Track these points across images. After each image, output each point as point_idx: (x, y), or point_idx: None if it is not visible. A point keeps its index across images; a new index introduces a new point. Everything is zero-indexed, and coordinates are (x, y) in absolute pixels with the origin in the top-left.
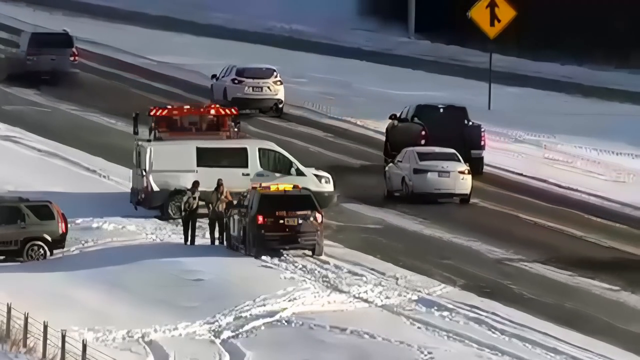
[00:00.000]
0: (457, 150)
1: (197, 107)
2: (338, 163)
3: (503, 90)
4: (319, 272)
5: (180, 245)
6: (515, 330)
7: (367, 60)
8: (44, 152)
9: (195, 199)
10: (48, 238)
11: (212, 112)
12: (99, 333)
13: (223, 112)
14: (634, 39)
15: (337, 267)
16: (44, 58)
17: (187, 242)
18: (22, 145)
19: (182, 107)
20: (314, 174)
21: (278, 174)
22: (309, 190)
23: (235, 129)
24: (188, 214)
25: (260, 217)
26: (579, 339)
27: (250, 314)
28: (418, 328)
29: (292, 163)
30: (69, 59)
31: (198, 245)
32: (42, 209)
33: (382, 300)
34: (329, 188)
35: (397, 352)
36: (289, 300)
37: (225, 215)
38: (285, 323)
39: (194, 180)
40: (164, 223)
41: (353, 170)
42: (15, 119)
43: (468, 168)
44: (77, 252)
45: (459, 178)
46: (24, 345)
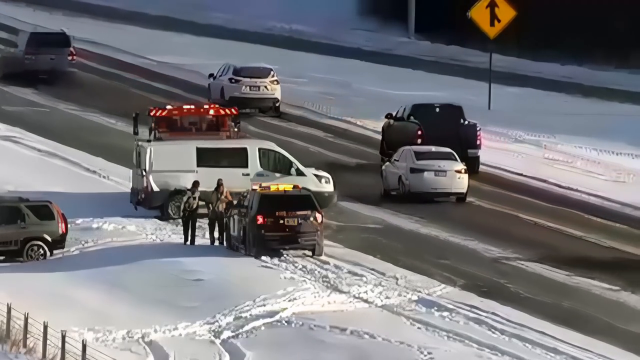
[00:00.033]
0: (452, 149)
1: (197, 107)
2: (337, 162)
3: (503, 90)
4: (319, 272)
5: (180, 245)
6: (515, 330)
7: (367, 60)
8: (44, 152)
9: (195, 199)
10: (48, 238)
11: (211, 112)
12: (99, 333)
13: (223, 112)
14: (634, 39)
15: (337, 267)
16: (43, 57)
17: (187, 242)
18: (22, 145)
19: (181, 107)
20: (314, 174)
21: (278, 174)
22: (309, 191)
23: (235, 129)
24: (188, 214)
25: (260, 217)
26: (579, 339)
27: (250, 314)
28: (418, 328)
29: (292, 163)
30: (67, 59)
31: (198, 245)
32: (42, 209)
33: (382, 301)
34: (329, 188)
35: (397, 352)
36: (289, 301)
37: (225, 215)
38: (285, 323)
39: (194, 180)
40: (164, 223)
41: (351, 170)
42: (15, 119)
43: (465, 167)
44: (77, 252)
45: (456, 177)
46: (24, 346)
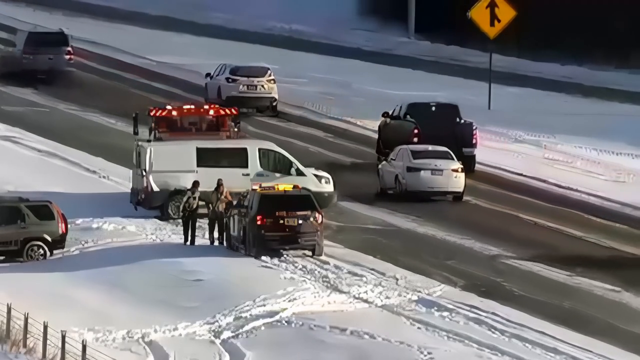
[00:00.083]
0: (448, 148)
1: (197, 107)
2: (336, 162)
3: (503, 90)
4: (319, 272)
5: (180, 246)
6: (515, 330)
7: (367, 60)
8: (44, 152)
9: (195, 199)
10: (48, 238)
11: (211, 112)
12: (99, 333)
13: (223, 112)
14: (634, 39)
15: (337, 267)
16: (41, 57)
17: (187, 242)
18: (22, 145)
19: (181, 107)
20: (314, 174)
21: (278, 174)
22: (309, 191)
23: (235, 129)
24: (188, 214)
25: (260, 217)
26: (579, 339)
27: (250, 314)
28: (418, 328)
29: (292, 163)
30: (65, 58)
31: (198, 246)
32: (42, 209)
33: (382, 301)
34: (329, 188)
35: (397, 352)
36: (289, 301)
37: (225, 215)
38: (285, 323)
39: (194, 180)
40: (164, 223)
41: (348, 169)
42: (15, 119)
43: (461, 166)
44: (77, 252)
45: (452, 176)
46: (24, 346)
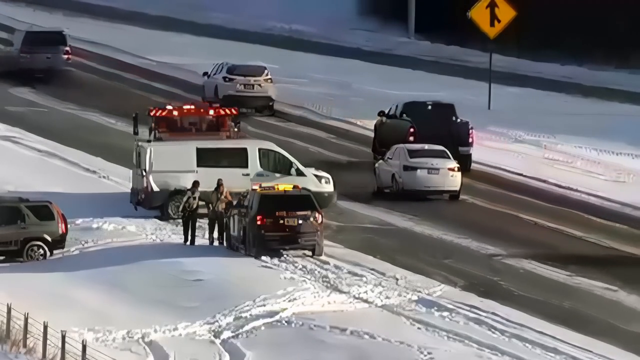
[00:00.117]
0: (444, 147)
1: (197, 107)
2: (335, 162)
3: (503, 90)
4: (319, 272)
5: (180, 246)
6: (515, 330)
7: (366, 61)
8: (44, 152)
9: (195, 199)
10: (48, 238)
11: (211, 112)
12: (99, 333)
13: (223, 112)
14: (634, 39)
15: (337, 267)
16: (39, 56)
17: (186, 242)
18: (21, 146)
19: (181, 107)
20: (314, 174)
21: (278, 174)
22: (309, 191)
23: (235, 129)
24: (188, 214)
25: (260, 217)
26: (579, 339)
27: (250, 314)
28: (418, 328)
29: (292, 163)
30: (63, 57)
31: (198, 246)
32: (42, 209)
33: (382, 301)
34: (329, 188)
35: (397, 352)
36: (289, 301)
37: (225, 215)
38: (285, 323)
39: (194, 180)
40: (164, 223)
41: (345, 168)
42: (15, 120)
43: (458, 165)
44: (77, 252)
45: (449, 175)
46: (24, 346)
